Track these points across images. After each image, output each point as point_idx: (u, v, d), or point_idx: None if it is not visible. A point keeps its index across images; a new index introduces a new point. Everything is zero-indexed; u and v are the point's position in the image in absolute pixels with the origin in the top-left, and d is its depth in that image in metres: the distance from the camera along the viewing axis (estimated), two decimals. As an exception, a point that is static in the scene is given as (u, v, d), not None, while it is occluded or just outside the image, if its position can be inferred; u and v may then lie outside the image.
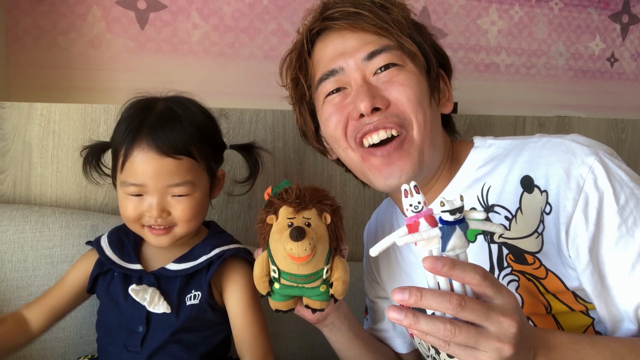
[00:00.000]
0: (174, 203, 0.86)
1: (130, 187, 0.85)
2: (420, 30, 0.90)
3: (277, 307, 0.84)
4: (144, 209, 0.86)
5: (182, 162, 0.84)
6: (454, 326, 0.57)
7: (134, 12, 1.34)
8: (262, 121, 1.30)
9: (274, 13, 1.46)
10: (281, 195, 0.80)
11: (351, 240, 1.39)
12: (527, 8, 1.74)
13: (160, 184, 0.84)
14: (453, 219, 0.59)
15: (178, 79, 1.38)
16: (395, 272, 1.00)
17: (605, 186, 0.75)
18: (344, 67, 0.86)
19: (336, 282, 0.81)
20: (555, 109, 1.82)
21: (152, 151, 0.83)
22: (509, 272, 0.81)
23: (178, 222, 0.87)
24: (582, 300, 0.79)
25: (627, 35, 1.88)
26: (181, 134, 0.85)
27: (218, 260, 0.90)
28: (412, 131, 0.84)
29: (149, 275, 0.90)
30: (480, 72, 1.71)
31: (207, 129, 0.92)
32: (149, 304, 0.87)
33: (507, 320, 0.58)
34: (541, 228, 0.79)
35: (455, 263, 0.58)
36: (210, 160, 0.91)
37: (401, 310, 0.58)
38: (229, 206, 1.28)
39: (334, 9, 0.88)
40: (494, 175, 0.85)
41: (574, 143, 0.80)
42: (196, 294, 0.90)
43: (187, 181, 0.85)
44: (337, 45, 0.87)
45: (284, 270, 0.78)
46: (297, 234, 0.74)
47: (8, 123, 1.14)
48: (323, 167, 1.35)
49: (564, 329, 0.79)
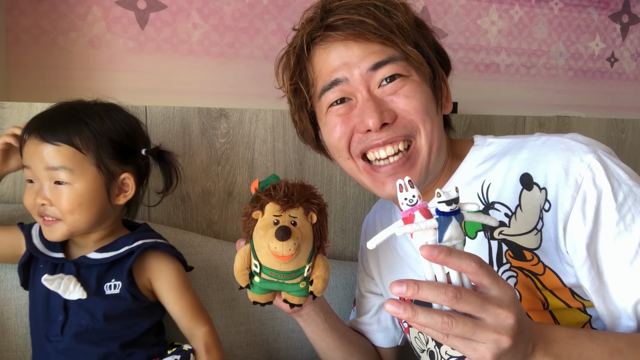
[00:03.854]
0: (56, 192, 0.89)
1: (25, 170, 0.91)
2: (422, 32, 0.89)
3: (255, 300, 0.84)
4: (34, 197, 0.90)
5: (61, 149, 0.88)
6: (450, 318, 0.58)
7: (134, 12, 1.34)
8: (262, 121, 1.30)
9: (274, 13, 1.46)
10: (269, 191, 0.80)
11: (351, 240, 1.39)
12: (527, 8, 1.74)
13: (40, 166, 0.88)
14: (449, 209, 0.60)
15: (178, 79, 1.38)
16: (397, 267, 1.01)
17: (603, 184, 0.75)
18: (348, 78, 0.85)
19: (316, 280, 0.82)
20: (555, 109, 1.82)
21: (37, 138, 0.89)
22: (507, 268, 0.82)
23: (61, 212, 0.89)
24: (579, 298, 0.79)
25: (627, 35, 1.88)
26: (65, 124, 0.90)
27: (138, 250, 0.93)
28: (420, 140, 0.85)
29: (69, 264, 0.93)
30: (480, 72, 1.71)
31: (111, 129, 0.93)
32: (63, 292, 0.89)
33: (504, 312, 0.59)
34: (540, 225, 0.80)
35: (451, 251, 0.59)
36: (106, 158, 0.91)
37: (399, 304, 0.59)
38: (229, 206, 1.29)
39: (336, 16, 0.85)
40: (493, 173, 0.86)
41: (573, 141, 0.80)
42: (116, 283, 0.92)
43: (64, 167, 0.88)
44: (340, 55, 0.85)
45: (265, 265, 0.79)
46: (282, 234, 0.74)
47: (8, 123, 1.13)
48: (323, 167, 1.35)
49: (561, 325, 0.78)
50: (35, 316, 0.95)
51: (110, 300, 0.92)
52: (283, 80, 0.95)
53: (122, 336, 0.92)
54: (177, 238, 1.17)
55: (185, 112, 1.24)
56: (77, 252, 0.96)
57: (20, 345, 1.03)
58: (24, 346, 1.03)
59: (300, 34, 0.89)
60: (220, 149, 1.27)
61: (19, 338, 1.03)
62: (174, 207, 1.25)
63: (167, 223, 1.24)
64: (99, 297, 0.91)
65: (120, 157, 0.94)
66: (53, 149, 0.88)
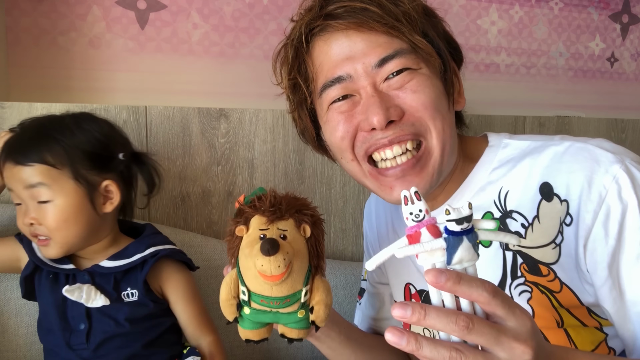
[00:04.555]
0: (41, 211, 0.89)
1: (10, 193, 0.92)
2: (431, 20, 0.82)
3: (248, 337, 0.72)
4: (23, 218, 0.90)
5: (34, 168, 0.88)
6: (459, 354, 0.51)
7: (134, 12, 1.34)
8: (262, 121, 1.30)
9: (274, 13, 1.46)
10: (253, 202, 0.69)
11: (351, 240, 1.39)
12: (527, 8, 1.74)
13: (19, 187, 0.89)
14: (460, 229, 0.52)
15: (178, 79, 1.38)
16: (400, 263, 0.93)
17: (629, 197, 0.69)
18: (351, 75, 0.78)
19: (317, 307, 0.69)
20: (555, 109, 1.81)
21: (11, 162, 0.89)
22: (522, 282, 0.77)
23: (48, 231, 0.89)
24: (596, 316, 0.74)
25: (627, 35, 1.88)
26: (35, 143, 0.90)
27: (152, 259, 0.94)
28: (431, 140, 0.78)
29: (83, 273, 0.93)
30: (480, 72, 1.71)
31: (82, 140, 0.92)
32: (86, 301, 0.90)
33: (521, 347, 0.51)
34: (559, 239, 0.74)
35: (461, 277, 0.51)
36: (82, 169, 0.91)
37: (402, 334, 0.51)
38: (229, 206, 1.29)
39: (337, 4, 0.78)
40: (511, 178, 0.79)
41: (599, 149, 0.73)
42: (133, 292, 0.93)
43: (41, 183, 0.88)
44: (342, 48, 0.78)
45: (255, 291, 0.67)
46: (269, 246, 0.62)
47: (8, 123, 1.13)
48: (323, 167, 1.35)
49: (576, 344, 0.75)
50: (48, 326, 0.94)
51: (131, 306, 0.93)
52: (281, 75, 0.88)
53: (145, 336, 0.94)
54: (177, 238, 1.17)
55: (185, 112, 1.24)
56: (87, 263, 0.96)
57: (20, 345, 1.03)
58: (24, 346, 1.03)
59: (299, 25, 0.83)
60: (220, 149, 1.27)
61: (19, 338, 1.03)
62: (174, 207, 1.25)
63: (167, 223, 1.24)
64: (120, 303, 0.92)
65: (98, 165, 0.93)
66: (27, 170, 0.88)
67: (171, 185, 1.24)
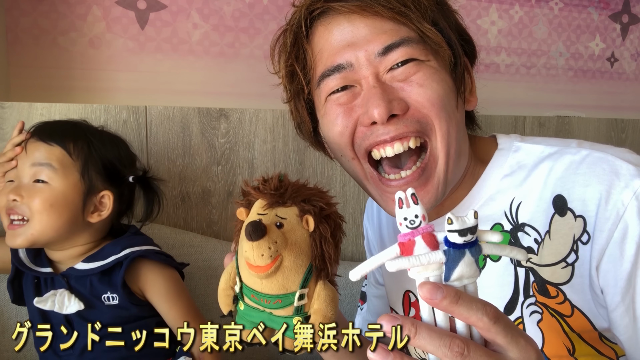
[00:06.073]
0: (33, 190, 0.88)
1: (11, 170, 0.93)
2: (443, 9, 0.74)
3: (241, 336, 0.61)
4: (7, 194, 0.89)
5: (52, 148, 0.90)
6: None
7: (134, 12, 1.34)
8: (262, 121, 1.30)
9: (274, 13, 1.46)
10: (259, 185, 0.63)
11: (351, 240, 1.39)
12: (527, 8, 1.73)
13: (27, 162, 0.90)
14: (463, 241, 0.45)
15: (178, 79, 1.38)
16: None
17: None
18: (352, 63, 0.71)
19: (314, 316, 0.59)
20: (555, 109, 1.82)
21: (34, 138, 0.92)
22: (533, 301, 0.70)
23: (30, 211, 0.87)
24: (607, 341, 0.68)
25: (627, 35, 1.88)
26: (65, 131, 0.93)
27: (126, 260, 0.91)
28: (435, 141, 0.71)
29: (59, 277, 0.92)
30: (480, 72, 1.70)
31: (107, 150, 0.95)
32: (59, 309, 0.88)
33: None
34: (572, 258, 0.68)
35: (460, 297, 0.45)
36: (92, 170, 0.92)
37: (387, 354, 0.45)
38: (229, 206, 1.29)
39: None
40: (525, 190, 0.73)
41: (619, 160, 0.66)
42: (112, 295, 0.91)
43: (50, 164, 0.89)
44: (344, 33, 0.71)
45: (246, 283, 0.60)
46: (251, 229, 0.55)
47: (8, 123, 1.14)
48: (323, 167, 1.35)
49: None
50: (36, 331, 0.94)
51: (113, 309, 0.91)
52: (279, 63, 0.80)
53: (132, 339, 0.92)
54: (177, 238, 1.17)
55: (185, 112, 1.24)
56: (63, 267, 0.95)
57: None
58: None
59: (299, 9, 0.77)
60: (220, 149, 1.27)
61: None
62: (174, 207, 1.25)
63: (167, 223, 1.24)
64: (100, 307, 0.90)
65: (107, 176, 0.94)
66: (45, 147, 0.90)
67: (171, 185, 1.24)
